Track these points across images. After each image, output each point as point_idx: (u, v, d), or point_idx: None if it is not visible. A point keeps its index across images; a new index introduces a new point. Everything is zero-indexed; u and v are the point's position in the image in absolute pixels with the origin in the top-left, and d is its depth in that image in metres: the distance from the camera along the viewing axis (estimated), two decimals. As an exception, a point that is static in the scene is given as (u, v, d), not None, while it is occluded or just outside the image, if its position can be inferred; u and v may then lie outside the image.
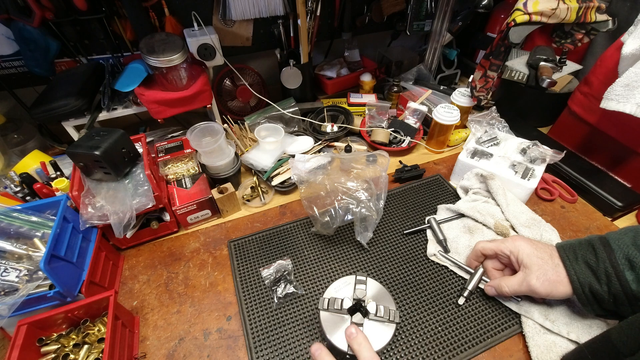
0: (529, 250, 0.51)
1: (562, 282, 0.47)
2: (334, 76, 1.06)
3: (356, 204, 0.63)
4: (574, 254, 0.48)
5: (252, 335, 0.53)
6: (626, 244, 0.45)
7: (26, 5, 0.66)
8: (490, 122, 0.89)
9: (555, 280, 0.47)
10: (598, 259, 0.45)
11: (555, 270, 0.48)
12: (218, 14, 0.86)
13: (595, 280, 0.45)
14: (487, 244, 0.57)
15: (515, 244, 0.52)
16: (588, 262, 0.46)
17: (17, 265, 0.51)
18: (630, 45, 0.66)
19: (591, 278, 0.46)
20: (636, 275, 0.42)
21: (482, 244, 0.57)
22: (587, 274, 0.46)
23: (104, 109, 0.74)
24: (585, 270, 0.46)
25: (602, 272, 0.45)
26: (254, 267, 0.63)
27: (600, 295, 0.45)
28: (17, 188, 0.64)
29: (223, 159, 0.72)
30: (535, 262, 0.49)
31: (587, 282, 0.46)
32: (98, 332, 0.51)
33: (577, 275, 0.46)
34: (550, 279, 0.48)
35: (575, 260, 0.48)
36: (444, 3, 0.97)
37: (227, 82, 0.94)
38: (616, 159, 0.78)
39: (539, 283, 0.48)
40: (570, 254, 0.49)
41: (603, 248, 0.46)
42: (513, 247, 0.52)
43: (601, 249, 0.46)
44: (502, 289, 0.52)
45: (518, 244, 0.52)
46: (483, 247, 0.57)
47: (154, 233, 0.68)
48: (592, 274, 0.46)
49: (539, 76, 0.79)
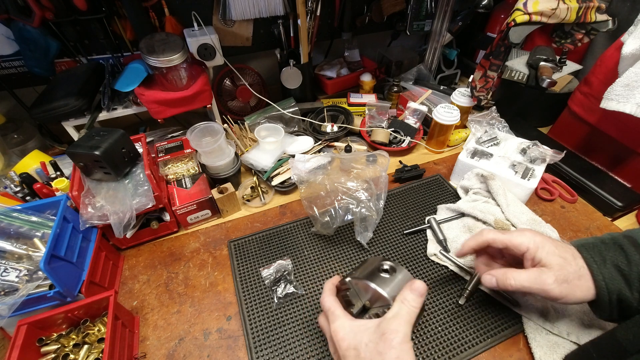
0: (551, 248, 0.44)
1: (582, 287, 0.42)
2: (334, 76, 1.06)
3: (356, 204, 0.63)
4: (601, 257, 0.43)
5: (252, 335, 0.53)
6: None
7: (26, 5, 0.66)
8: (490, 122, 0.89)
9: (575, 284, 0.42)
10: (630, 262, 0.41)
11: (578, 274, 0.42)
12: (218, 14, 0.86)
13: (626, 286, 0.40)
14: (497, 234, 0.48)
15: (535, 240, 0.45)
16: (619, 266, 0.41)
17: (17, 265, 0.51)
18: (630, 45, 0.66)
19: (621, 284, 0.41)
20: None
21: (492, 233, 0.48)
22: (618, 279, 0.41)
23: (104, 109, 0.74)
24: (615, 275, 0.41)
25: (636, 277, 0.40)
26: (254, 267, 0.63)
27: (628, 302, 0.40)
28: (17, 188, 0.64)
29: (223, 159, 0.72)
30: (557, 262, 0.43)
31: (616, 288, 0.41)
32: (98, 332, 0.51)
33: (606, 281, 0.41)
34: (570, 282, 0.42)
35: (604, 264, 0.42)
36: (444, 3, 0.97)
37: (227, 82, 0.94)
38: (616, 159, 0.78)
39: (556, 285, 0.42)
40: (596, 256, 0.43)
41: (634, 249, 0.41)
42: (532, 242, 0.45)
43: (632, 250, 0.41)
44: (507, 281, 0.44)
45: (538, 240, 0.45)
46: (493, 238, 0.48)
47: (154, 233, 0.68)
48: (622, 280, 0.41)
49: (539, 76, 0.79)
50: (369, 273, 0.43)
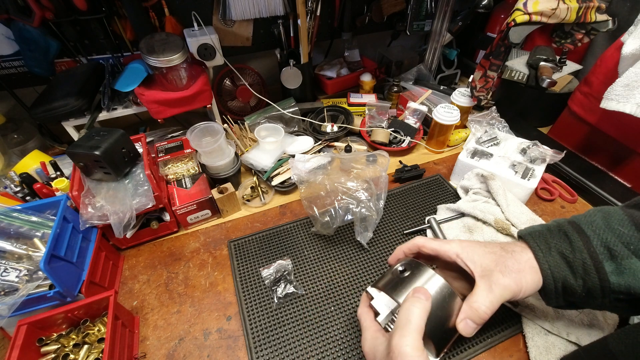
0: (480, 250, 0.42)
1: (527, 271, 0.40)
2: (334, 76, 1.06)
3: (356, 204, 0.63)
4: (546, 244, 0.42)
5: (252, 335, 0.53)
6: (601, 228, 0.40)
7: (26, 5, 0.66)
8: (490, 122, 0.89)
9: (518, 269, 0.40)
10: (574, 248, 0.40)
11: (515, 259, 0.41)
12: (218, 14, 0.86)
13: (571, 274, 0.40)
14: (428, 241, 0.46)
15: (462, 245, 0.43)
16: (563, 253, 0.40)
17: (17, 265, 0.51)
18: (630, 45, 0.66)
19: (566, 271, 0.40)
20: (616, 265, 0.38)
21: (422, 239, 0.46)
22: (562, 266, 0.40)
23: (104, 109, 0.74)
24: (560, 263, 0.40)
25: (579, 265, 0.39)
26: (254, 267, 0.63)
27: (573, 289, 0.40)
28: (17, 188, 0.64)
29: (223, 159, 0.72)
30: (491, 259, 0.41)
31: (561, 276, 0.40)
32: (98, 332, 0.51)
33: (552, 269, 0.40)
34: (513, 269, 0.40)
35: (549, 251, 0.41)
36: (444, 3, 0.97)
37: (227, 82, 0.94)
38: (616, 159, 0.78)
39: (506, 277, 0.40)
40: (541, 243, 0.42)
41: (578, 235, 0.40)
42: (459, 248, 0.43)
43: (576, 237, 0.40)
44: (479, 313, 0.38)
45: (465, 245, 0.43)
46: (423, 243, 0.46)
47: (154, 233, 0.68)
48: (567, 267, 0.40)
49: (539, 76, 0.79)
50: (388, 278, 0.42)
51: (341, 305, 0.57)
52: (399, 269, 0.42)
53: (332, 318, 0.55)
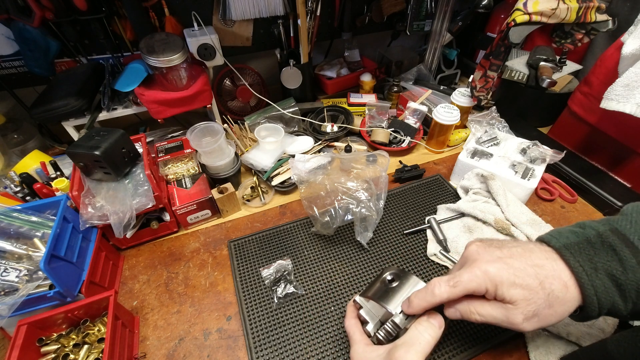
0: (510, 279, 0.35)
1: (556, 313, 0.35)
2: (334, 76, 1.06)
3: (356, 204, 0.63)
4: (591, 264, 0.34)
5: (252, 335, 0.53)
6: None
7: (26, 5, 0.66)
8: (490, 122, 0.89)
9: (547, 314, 0.35)
10: (626, 268, 0.33)
11: (548, 302, 0.34)
12: (218, 14, 0.86)
13: (620, 298, 0.33)
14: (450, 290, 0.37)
15: (490, 276, 0.36)
16: (614, 275, 0.33)
17: (17, 265, 0.51)
18: (630, 45, 0.66)
19: (615, 296, 0.33)
20: None
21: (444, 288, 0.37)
22: (612, 291, 0.33)
23: (104, 109, 0.74)
24: (609, 287, 0.33)
25: (633, 288, 0.32)
26: (254, 267, 0.63)
27: (617, 313, 0.34)
28: (17, 188, 0.64)
29: (223, 159, 0.72)
30: (521, 297, 0.34)
31: (609, 301, 0.33)
32: (98, 332, 0.52)
33: (598, 295, 0.33)
34: (539, 314, 0.35)
35: (595, 274, 0.34)
36: (444, 3, 0.97)
37: (227, 82, 0.94)
38: (616, 159, 0.78)
39: (527, 323, 0.35)
40: (585, 263, 0.34)
41: (630, 251, 0.33)
42: (487, 281, 0.36)
43: (627, 253, 0.33)
44: (472, 316, 0.37)
45: (493, 275, 0.36)
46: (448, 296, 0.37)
47: (154, 233, 0.68)
48: (617, 291, 0.33)
49: (539, 76, 0.79)
50: (377, 287, 0.43)
51: (341, 305, 0.57)
52: (387, 277, 0.43)
53: (332, 318, 0.55)
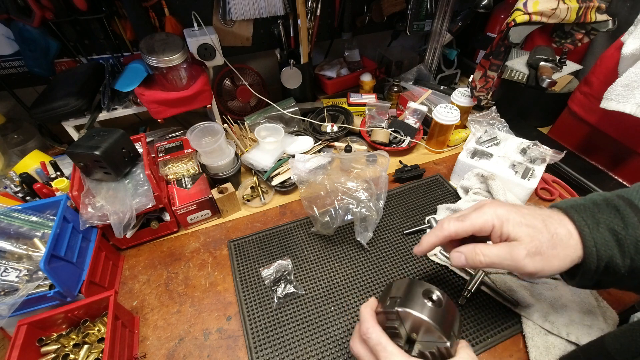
0: (517, 218, 0.38)
1: (559, 256, 0.37)
2: (334, 76, 1.06)
3: (356, 204, 0.63)
4: (593, 219, 0.37)
5: (252, 335, 0.53)
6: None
7: (26, 5, 0.66)
8: (490, 122, 0.89)
9: (550, 254, 0.37)
10: (627, 224, 0.35)
11: (552, 242, 0.37)
12: (218, 14, 0.86)
13: (619, 253, 0.36)
14: (458, 224, 0.41)
15: (498, 214, 0.39)
16: (614, 230, 0.36)
17: (17, 265, 0.51)
18: (630, 45, 0.66)
19: (614, 250, 0.36)
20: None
21: (452, 224, 0.41)
22: (611, 244, 0.36)
23: (104, 109, 0.74)
24: (609, 241, 0.36)
25: (632, 243, 0.35)
26: (254, 267, 0.63)
27: (615, 270, 0.36)
28: (17, 188, 0.64)
29: (223, 159, 0.72)
30: (526, 233, 0.37)
31: (607, 254, 0.36)
32: (98, 332, 0.51)
33: (597, 247, 0.36)
34: (543, 253, 0.37)
35: (596, 227, 0.36)
36: (444, 3, 0.97)
37: (227, 82, 0.94)
38: (616, 159, 0.78)
39: (529, 259, 0.37)
40: (588, 218, 0.37)
41: (632, 210, 0.36)
42: (495, 218, 0.39)
43: (629, 212, 0.36)
44: (476, 258, 0.39)
45: (501, 214, 0.39)
46: (456, 230, 0.41)
47: (154, 233, 0.68)
48: (616, 245, 0.36)
49: (539, 76, 0.79)
50: (415, 300, 0.38)
51: (341, 305, 0.57)
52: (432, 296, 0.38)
53: (332, 318, 0.55)
